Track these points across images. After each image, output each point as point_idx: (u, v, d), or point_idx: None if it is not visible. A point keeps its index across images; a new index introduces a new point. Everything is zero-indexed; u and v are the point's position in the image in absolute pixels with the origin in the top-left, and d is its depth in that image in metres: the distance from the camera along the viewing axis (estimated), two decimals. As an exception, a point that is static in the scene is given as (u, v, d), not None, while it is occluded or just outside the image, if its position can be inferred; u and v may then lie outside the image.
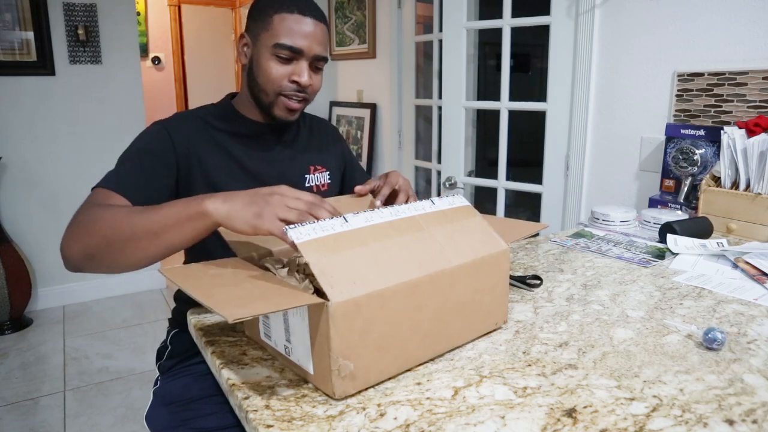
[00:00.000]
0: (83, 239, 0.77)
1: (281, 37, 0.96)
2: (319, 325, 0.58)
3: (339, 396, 0.60)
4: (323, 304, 0.56)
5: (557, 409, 0.58)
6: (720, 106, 1.44)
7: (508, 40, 1.94)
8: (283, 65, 0.98)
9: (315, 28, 0.98)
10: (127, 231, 0.75)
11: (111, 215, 0.77)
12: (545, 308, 0.86)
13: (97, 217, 0.78)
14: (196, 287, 0.62)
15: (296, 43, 0.97)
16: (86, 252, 0.77)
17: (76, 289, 3.02)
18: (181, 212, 0.73)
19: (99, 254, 0.77)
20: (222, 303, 0.56)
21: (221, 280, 0.65)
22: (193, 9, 5.08)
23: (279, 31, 0.96)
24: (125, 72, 2.95)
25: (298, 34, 0.97)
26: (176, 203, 0.75)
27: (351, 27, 3.00)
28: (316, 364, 0.61)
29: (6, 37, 2.63)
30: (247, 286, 0.63)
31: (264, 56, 0.99)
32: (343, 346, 0.58)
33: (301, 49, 0.97)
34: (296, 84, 1.00)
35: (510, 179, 2.08)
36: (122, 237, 0.75)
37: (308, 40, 0.97)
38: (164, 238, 0.74)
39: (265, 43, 0.98)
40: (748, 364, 0.68)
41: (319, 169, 1.16)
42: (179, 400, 1.00)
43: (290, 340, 0.65)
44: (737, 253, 1.08)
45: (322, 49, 1.00)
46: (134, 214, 0.76)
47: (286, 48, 0.97)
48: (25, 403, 2.06)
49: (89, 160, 2.91)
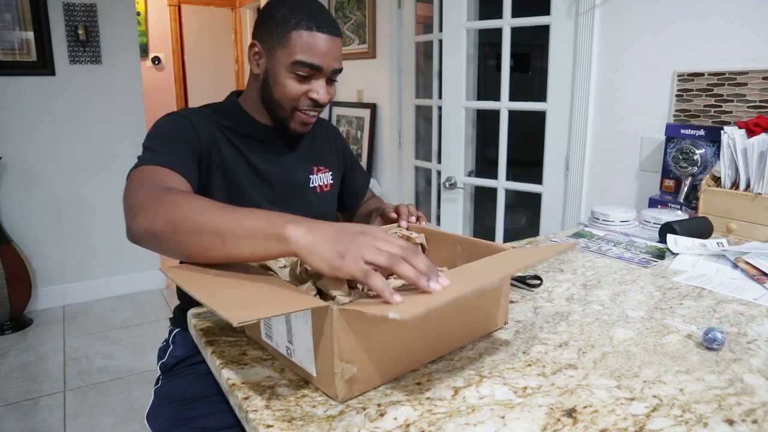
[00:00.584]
0: (149, 217, 0.75)
1: (300, 55, 0.96)
2: (323, 329, 0.58)
3: (342, 399, 0.59)
4: (327, 307, 0.56)
5: (557, 409, 0.58)
6: (720, 106, 1.44)
7: (508, 40, 1.94)
8: (300, 83, 0.99)
9: (332, 43, 0.98)
10: (197, 224, 0.70)
11: (184, 202, 0.74)
12: (545, 308, 0.86)
13: (167, 199, 0.75)
14: (199, 288, 0.61)
15: (315, 61, 0.97)
16: (150, 231, 0.74)
17: (76, 289, 3.02)
18: (259, 227, 0.65)
19: (162, 238, 0.73)
20: (225, 305, 0.55)
21: (223, 280, 0.65)
22: (193, 9, 5.08)
23: (297, 48, 0.96)
24: (125, 72, 2.95)
25: (316, 52, 0.96)
26: (257, 214, 0.68)
27: (351, 27, 3.00)
28: (318, 367, 0.61)
29: (6, 37, 2.63)
30: (250, 288, 0.63)
31: (281, 73, 0.98)
32: (347, 350, 0.58)
33: (321, 67, 0.98)
34: (314, 101, 1.01)
35: (510, 179, 2.08)
36: (189, 229, 0.70)
37: (326, 57, 0.98)
38: (232, 247, 0.67)
39: (281, 60, 0.98)
40: (748, 364, 0.68)
41: (322, 170, 1.17)
42: (181, 399, 1.00)
43: (292, 342, 0.64)
44: (737, 253, 1.08)
45: (339, 63, 1.01)
46: (209, 209, 0.71)
47: (306, 66, 0.97)
48: (25, 403, 2.06)
49: (89, 160, 2.91)
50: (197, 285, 0.63)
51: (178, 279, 0.65)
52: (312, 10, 0.98)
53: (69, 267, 2.98)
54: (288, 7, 0.98)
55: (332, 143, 1.24)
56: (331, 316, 0.56)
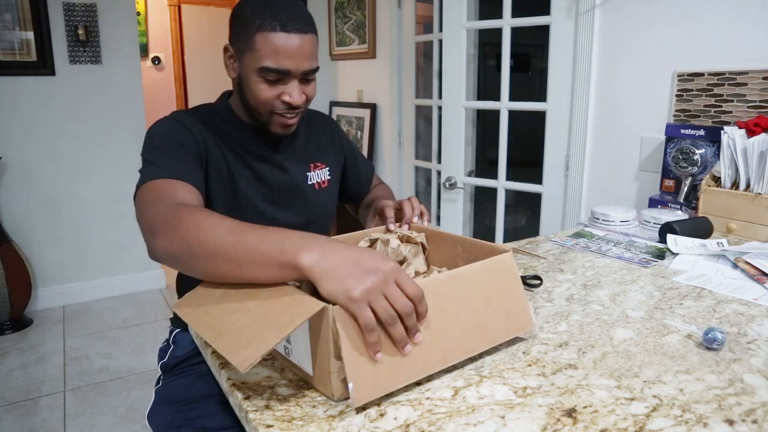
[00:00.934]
0: (167, 240, 0.75)
1: (265, 60, 0.91)
2: (320, 329, 0.58)
3: (338, 398, 0.60)
4: (324, 308, 0.56)
5: (557, 409, 0.58)
6: (720, 106, 1.44)
7: (508, 40, 1.94)
8: (271, 87, 0.94)
9: (301, 42, 0.92)
10: (212, 251, 0.69)
11: (196, 223, 0.73)
12: (545, 308, 0.86)
13: (180, 220, 0.75)
14: (207, 327, 0.63)
15: (282, 65, 0.92)
16: (170, 254, 0.75)
17: (76, 289, 3.02)
18: (273, 254, 0.64)
19: (182, 261, 0.74)
20: (231, 345, 0.58)
21: (229, 306, 0.65)
22: (193, 9, 5.08)
23: (263, 53, 0.91)
24: (125, 72, 2.95)
25: (283, 55, 0.91)
26: (269, 237, 0.66)
27: (351, 27, 3.00)
28: (315, 367, 0.61)
29: (6, 37, 2.63)
30: (254, 308, 0.62)
31: (251, 78, 0.94)
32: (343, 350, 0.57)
33: (288, 70, 0.93)
34: (287, 104, 0.96)
35: (510, 179, 2.08)
36: (206, 255, 0.70)
37: (294, 59, 0.92)
38: (247, 271, 0.67)
39: (249, 64, 0.94)
40: (748, 364, 0.68)
41: (319, 166, 1.15)
42: (181, 399, 1.00)
43: (290, 341, 0.65)
44: (737, 253, 1.08)
45: (311, 63, 0.95)
46: (223, 233, 0.70)
47: (272, 71, 0.92)
48: (25, 403, 2.06)
49: (89, 160, 2.91)
50: (205, 323, 0.64)
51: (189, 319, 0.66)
52: (277, 9, 0.91)
53: (69, 267, 2.98)
54: (253, 7, 0.93)
55: (328, 137, 1.20)
56: (327, 317, 0.56)
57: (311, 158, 1.15)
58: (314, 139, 1.17)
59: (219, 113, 1.06)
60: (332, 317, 0.56)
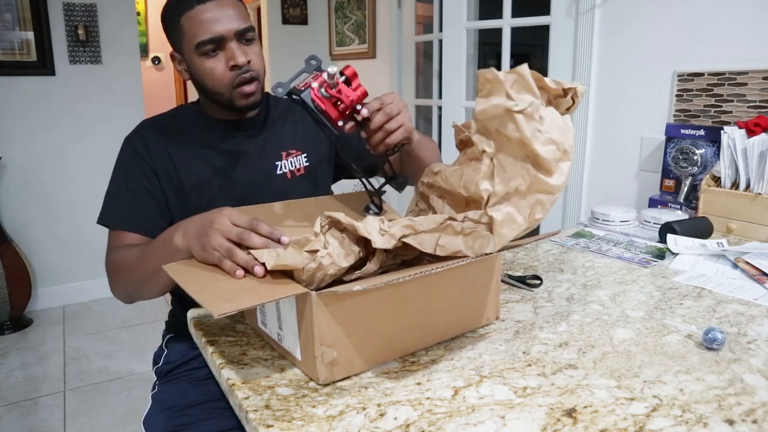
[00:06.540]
0: (119, 284, 0.94)
1: (197, 36, 0.93)
2: (304, 314, 0.60)
3: (323, 381, 0.62)
4: (307, 293, 0.59)
5: (557, 409, 0.58)
6: (720, 106, 1.44)
7: (508, 40, 1.94)
8: (215, 59, 0.96)
9: (222, 5, 0.94)
10: (143, 273, 0.87)
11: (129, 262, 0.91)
12: (545, 308, 0.86)
13: (122, 264, 0.93)
14: (192, 283, 0.65)
15: (212, 32, 0.93)
16: (126, 293, 0.95)
17: (76, 289, 3.02)
18: (165, 251, 0.80)
19: (135, 293, 0.94)
20: (211, 299, 0.60)
21: (218, 274, 0.69)
22: (193, 9, 5.07)
23: (192, 31, 0.94)
24: (125, 72, 2.95)
25: (208, 23, 0.93)
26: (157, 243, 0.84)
27: (351, 27, 3.00)
28: (302, 351, 0.63)
29: (6, 37, 2.63)
30: (243, 281, 0.66)
31: (195, 62, 0.97)
32: (326, 334, 0.60)
33: (220, 35, 0.94)
34: (237, 67, 0.96)
35: (510, 179, 2.08)
36: (142, 279, 0.88)
37: (220, 22, 0.93)
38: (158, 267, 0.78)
39: (188, 51, 0.96)
40: (748, 364, 0.68)
41: (293, 153, 1.12)
42: (176, 405, 0.99)
43: (282, 328, 0.67)
44: (737, 253, 1.08)
45: (241, 22, 0.95)
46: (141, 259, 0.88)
47: (207, 42, 0.94)
48: (25, 403, 2.06)
49: (89, 160, 2.91)
50: (191, 280, 0.67)
51: (177, 275, 0.68)
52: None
53: (69, 267, 2.98)
54: (169, 2, 0.97)
55: (309, 122, 1.15)
56: (310, 302, 0.58)
57: (282, 147, 1.11)
58: (289, 126, 1.14)
59: (185, 116, 1.09)
60: (315, 303, 0.58)
